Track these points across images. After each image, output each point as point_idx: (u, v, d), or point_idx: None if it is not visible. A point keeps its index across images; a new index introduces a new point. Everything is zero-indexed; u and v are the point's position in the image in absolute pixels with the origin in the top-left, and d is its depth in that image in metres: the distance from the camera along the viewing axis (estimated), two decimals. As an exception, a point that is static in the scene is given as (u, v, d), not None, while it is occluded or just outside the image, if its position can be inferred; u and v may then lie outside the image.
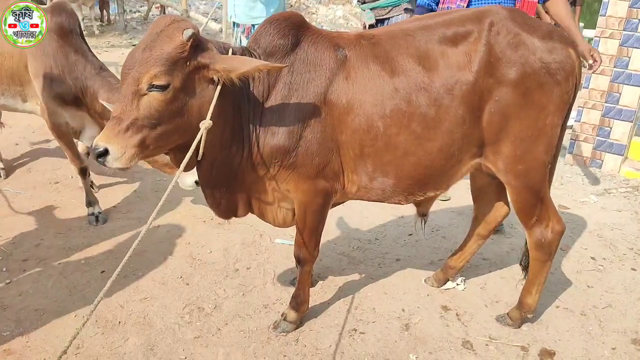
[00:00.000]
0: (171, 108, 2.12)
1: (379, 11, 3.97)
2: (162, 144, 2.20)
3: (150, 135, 2.11)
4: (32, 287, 3.11)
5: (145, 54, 2.08)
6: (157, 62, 2.05)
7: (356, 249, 3.69)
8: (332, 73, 2.41)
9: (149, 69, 2.04)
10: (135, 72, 2.06)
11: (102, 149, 2.07)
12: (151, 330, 2.81)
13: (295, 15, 2.48)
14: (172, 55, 2.06)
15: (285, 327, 2.82)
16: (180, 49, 2.07)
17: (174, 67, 2.07)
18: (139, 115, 2.08)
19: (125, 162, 2.11)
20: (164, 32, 2.10)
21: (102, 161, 2.09)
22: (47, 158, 4.94)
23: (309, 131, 2.40)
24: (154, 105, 2.09)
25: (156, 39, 2.10)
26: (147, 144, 2.13)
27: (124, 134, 2.07)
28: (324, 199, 2.58)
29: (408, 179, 2.54)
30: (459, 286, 3.24)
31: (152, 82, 2.05)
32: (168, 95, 2.09)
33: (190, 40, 2.07)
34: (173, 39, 2.07)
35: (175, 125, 2.17)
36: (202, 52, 2.14)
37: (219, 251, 3.58)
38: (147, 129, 2.10)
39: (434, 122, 2.42)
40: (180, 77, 2.10)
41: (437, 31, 2.46)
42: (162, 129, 2.14)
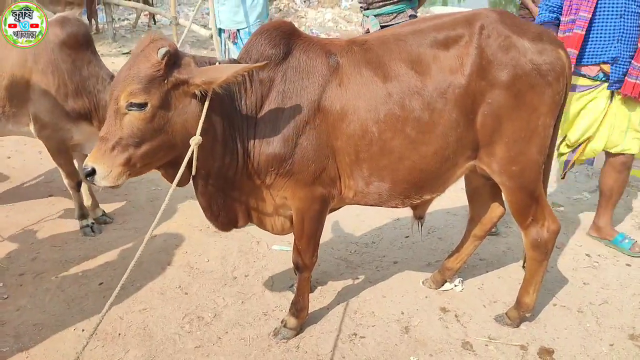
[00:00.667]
0: (152, 126, 2.15)
1: (384, 18, 3.94)
2: (149, 161, 2.22)
3: (135, 154, 2.14)
4: (29, 302, 3.09)
5: (125, 73, 2.12)
6: (133, 80, 2.09)
7: (354, 252, 3.70)
8: (325, 80, 2.42)
9: (125, 88, 2.09)
10: (116, 92, 2.11)
11: (90, 169, 2.12)
12: (152, 341, 2.80)
13: (285, 23, 2.49)
14: (148, 74, 2.09)
15: (286, 333, 2.83)
16: (156, 68, 2.10)
17: (150, 85, 2.10)
18: (123, 134, 2.11)
19: (112, 181, 2.15)
20: (143, 52, 2.15)
21: (91, 180, 2.14)
22: (39, 171, 4.92)
23: (304, 138, 2.41)
24: (135, 124, 2.12)
25: (135, 59, 2.15)
26: (133, 162, 2.15)
27: (110, 153, 2.11)
28: (321, 205, 2.59)
29: (404, 182, 2.55)
30: (457, 287, 3.25)
31: (129, 100, 2.08)
32: (147, 114, 2.12)
33: (165, 59, 2.09)
34: (149, 58, 2.11)
35: (160, 143, 2.20)
36: (179, 69, 2.16)
37: (216, 259, 3.58)
38: (132, 147, 2.13)
39: (428, 126, 2.44)
40: (158, 95, 2.12)
41: (428, 35, 2.48)
42: (147, 147, 2.17)
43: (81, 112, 3.52)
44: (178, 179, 2.12)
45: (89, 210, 3.97)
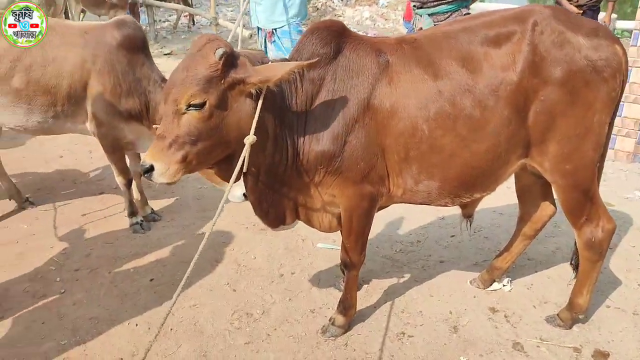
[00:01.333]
0: (209, 125, 2.19)
1: (438, 17, 3.89)
2: (203, 159, 2.27)
3: (191, 151, 2.19)
4: (85, 296, 3.20)
5: (182, 75, 2.16)
6: (192, 82, 2.13)
7: (399, 251, 3.69)
8: (374, 78, 2.43)
9: (186, 90, 2.13)
10: (174, 93, 2.15)
11: (148, 166, 2.18)
12: (202, 336, 2.86)
13: (336, 23, 2.51)
14: (206, 75, 2.13)
15: (334, 331, 2.85)
16: (214, 68, 2.14)
17: (209, 85, 2.14)
18: (180, 132, 2.16)
19: (169, 178, 2.20)
20: (199, 53, 2.18)
21: (149, 177, 2.19)
22: (90, 169, 5.07)
23: (354, 136, 2.42)
24: (192, 123, 2.16)
25: (192, 60, 2.19)
26: (189, 159, 2.20)
27: (167, 150, 2.16)
28: (370, 203, 2.59)
29: (454, 181, 2.54)
30: (506, 287, 3.21)
31: (189, 102, 2.13)
32: (205, 113, 2.16)
33: (222, 59, 2.13)
34: (206, 59, 2.15)
35: (215, 141, 2.24)
36: (236, 69, 2.19)
37: (263, 257, 3.63)
38: (188, 145, 2.17)
39: (479, 123, 2.42)
40: (215, 95, 2.16)
41: (479, 32, 2.45)
42: (203, 144, 2.21)
43: (133, 112, 3.63)
44: (234, 177, 2.15)
45: (138, 207, 4.07)
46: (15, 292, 3.22)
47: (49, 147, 5.27)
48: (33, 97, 3.55)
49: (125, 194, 3.95)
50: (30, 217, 4.13)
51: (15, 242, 3.78)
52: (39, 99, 3.57)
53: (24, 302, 3.13)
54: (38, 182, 4.75)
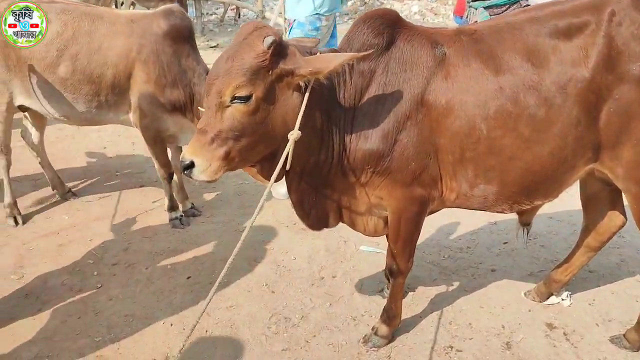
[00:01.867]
0: (254, 119, 2.03)
1: (495, 10, 3.64)
2: (247, 155, 2.11)
3: (235, 147, 2.03)
4: (121, 292, 3.13)
5: (227, 65, 2.00)
6: (238, 73, 1.96)
7: (447, 257, 3.48)
8: (429, 72, 2.23)
9: (230, 81, 1.96)
10: (218, 84, 1.99)
11: (188, 162, 2.02)
12: (238, 340, 2.74)
13: (389, 12, 2.32)
14: (253, 65, 1.96)
15: (377, 341, 2.68)
16: (261, 58, 1.97)
17: (256, 77, 1.97)
18: (223, 127, 2.00)
19: (210, 175, 2.05)
20: (246, 41, 2.02)
21: (189, 173, 2.04)
22: (132, 162, 5.05)
23: (405, 134, 2.24)
24: (237, 117, 2.00)
25: (238, 49, 2.02)
26: (232, 156, 2.05)
27: (209, 146, 2.00)
28: (420, 207, 2.40)
29: (514, 186, 2.32)
30: (565, 301, 2.97)
31: (234, 94, 1.96)
32: (251, 106, 2.00)
33: (271, 48, 1.96)
34: (254, 48, 1.98)
35: (260, 136, 2.08)
36: (285, 59, 2.02)
37: (303, 258, 3.48)
38: (231, 140, 2.02)
39: (544, 123, 2.19)
40: (262, 87, 2.00)
41: (547, 23, 2.22)
42: (247, 140, 2.05)
43: (177, 104, 3.52)
44: (275, 175, 2.00)
45: (178, 202, 3.99)
46: (53, 285, 3.19)
47: (92, 138, 5.26)
48: (78, 87, 3.47)
49: (166, 187, 3.87)
50: (72, 209, 4.11)
51: (57, 234, 3.76)
52: (83, 89, 3.48)
53: (61, 296, 3.09)
54: (81, 174, 4.73)
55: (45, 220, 3.93)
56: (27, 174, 4.59)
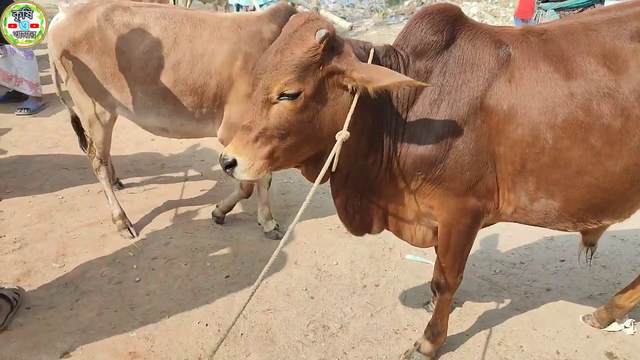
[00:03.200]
0: (302, 117, 1.91)
1: (566, 12, 3.41)
2: (292, 155, 1.99)
3: (280, 146, 1.92)
4: (159, 288, 3.08)
5: (276, 59, 1.88)
6: (288, 68, 1.84)
7: (498, 272, 3.27)
8: (491, 74, 2.06)
9: (279, 78, 1.85)
10: (265, 79, 1.88)
11: (231, 160, 1.92)
12: (274, 346, 2.64)
13: (451, 7, 2.15)
14: (304, 60, 1.84)
15: (419, 358, 2.52)
16: (313, 53, 1.84)
17: (306, 72, 1.85)
18: (269, 124, 1.89)
19: (253, 174, 1.94)
20: (297, 34, 1.89)
21: (230, 172, 1.94)
22: (180, 155, 5.03)
23: (461, 141, 2.07)
24: (283, 114, 1.89)
25: (288, 42, 1.90)
26: (276, 155, 1.94)
27: (252, 144, 1.90)
28: (473, 219, 2.23)
29: (580, 203, 2.11)
30: (628, 329, 2.72)
31: (283, 91, 1.85)
32: (299, 104, 1.88)
33: (324, 42, 1.83)
34: (305, 42, 1.85)
35: (306, 136, 1.96)
36: (338, 56, 1.89)
37: (345, 263, 3.35)
38: (276, 139, 1.91)
39: (619, 135, 1.98)
40: (312, 84, 1.87)
41: (628, 25, 2.01)
42: (293, 139, 1.94)
43: None
44: (322, 176, 1.87)
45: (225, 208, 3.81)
46: (93, 275, 3.17)
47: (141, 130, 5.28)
48: (180, 98, 3.15)
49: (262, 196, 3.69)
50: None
51: (100, 224, 3.75)
52: (185, 100, 3.16)
53: (100, 287, 3.07)
54: (127, 164, 4.74)
55: (90, 209, 3.94)
56: (75, 162, 4.63)
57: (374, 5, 15.10)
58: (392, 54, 2.06)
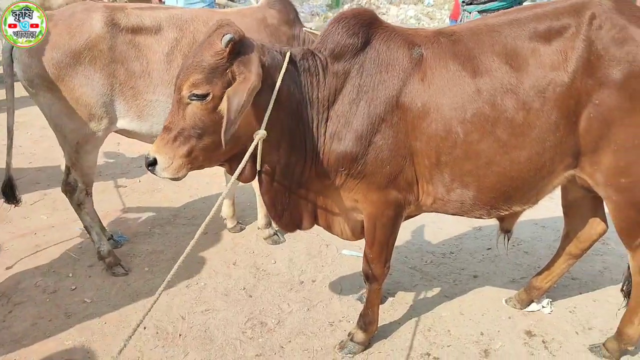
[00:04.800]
0: (214, 118, 2.00)
1: (489, 14, 3.59)
2: (211, 155, 2.09)
3: (197, 146, 2.02)
4: (96, 295, 3.07)
5: (188, 61, 2.00)
6: (196, 69, 1.95)
7: (429, 263, 3.43)
8: (405, 74, 2.19)
9: (188, 77, 1.96)
10: (179, 80, 1.99)
11: (152, 159, 2.03)
12: (212, 345, 2.68)
13: (365, 11, 2.28)
14: (211, 63, 1.95)
15: (353, 348, 2.62)
16: (218, 56, 1.95)
17: (213, 75, 1.96)
18: (185, 125, 1.99)
19: (172, 173, 2.04)
20: (209, 38, 2.00)
21: (152, 170, 2.05)
22: (117, 162, 4.99)
23: (380, 137, 2.19)
24: (197, 115, 1.99)
25: (200, 46, 2.01)
26: (195, 154, 2.04)
27: (172, 143, 2.01)
28: (396, 210, 2.36)
29: (491, 191, 2.27)
30: (545, 309, 2.92)
31: (192, 91, 1.95)
32: (209, 105, 1.98)
33: (229, 47, 1.93)
34: (213, 46, 1.96)
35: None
36: (243, 61, 1.97)
37: (283, 262, 3.43)
38: (194, 139, 2.01)
39: (522, 128, 2.15)
40: (220, 86, 1.97)
41: (527, 26, 2.18)
42: (209, 139, 2.03)
43: None
44: (238, 173, 1.96)
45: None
46: (26, 286, 3.13)
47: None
48: None
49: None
50: (51, 209, 4.05)
51: (34, 234, 3.69)
52: None
53: (34, 297, 3.03)
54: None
55: (22, 220, 3.86)
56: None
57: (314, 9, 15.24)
58: (309, 57, 2.17)
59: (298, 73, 2.11)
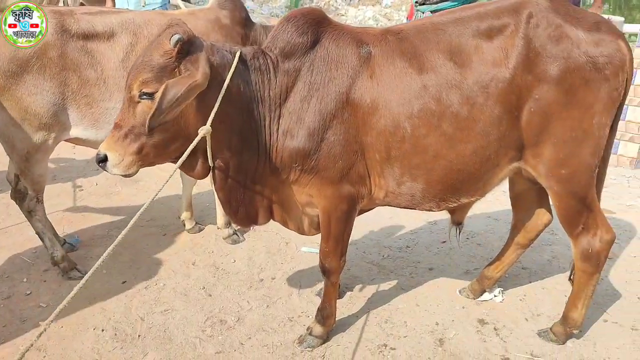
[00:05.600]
0: (164, 116, 2.01)
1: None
2: (162, 151, 2.12)
3: (148, 143, 2.06)
4: (51, 299, 3.03)
5: (139, 60, 2.04)
6: (145, 68, 1.99)
7: (386, 257, 3.51)
8: (355, 71, 2.26)
9: (138, 76, 2.00)
10: (129, 79, 2.03)
11: (102, 156, 2.07)
12: (171, 344, 2.69)
13: (314, 10, 2.34)
14: (160, 62, 1.99)
15: (311, 341, 2.67)
16: (167, 56, 2.00)
17: (162, 74, 2.00)
18: (135, 122, 2.03)
19: (123, 169, 2.08)
20: (158, 38, 2.05)
21: (103, 166, 2.08)
22: (72, 165, 4.91)
23: (331, 133, 2.25)
24: (147, 113, 2.00)
25: (150, 45, 2.06)
26: (145, 151, 2.07)
27: (123, 141, 2.04)
28: (349, 204, 2.42)
29: (439, 184, 2.36)
30: (497, 298, 3.03)
31: (142, 90, 1.98)
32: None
33: (177, 47, 1.97)
34: (161, 45, 2.01)
35: (173, 133, 2.09)
36: (191, 60, 2.02)
37: (243, 260, 3.45)
38: (144, 136, 2.04)
39: (466, 122, 2.24)
40: None
41: (470, 24, 2.28)
42: (160, 136, 2.07)
43: None
44: (179, 164, 2.02)
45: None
46: (-21, 292, 3.06)
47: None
48: None
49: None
50: (3, 213, 3.97)
51: (-15, 240, 3.61)
52: None
53: (-13, 304, 2.97)
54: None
55: (-26, 225, 3.78)
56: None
57: (273, 10, 15.27)
58: (260, 55, 2.21)
59: (249, 72, 2.16)
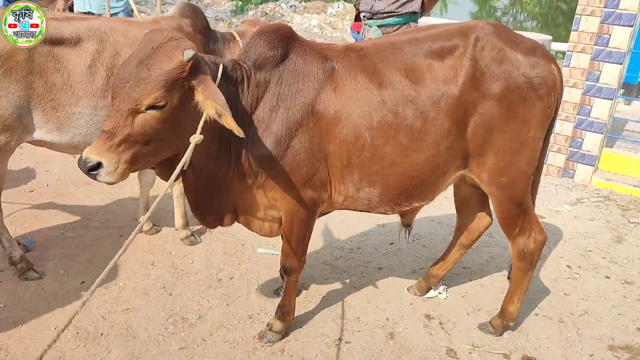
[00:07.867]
0: (166, 126, 2.11)
1: (387, 29, 3.90)
2: (152, 159, 2.20)
3: (142, 151, 2.10)
4: (8, 299, 3.03)
5: (142, 72, 2.03)
6: (158, 83, 2.01)
7: (339, 258, 3.71)
8: (320, 84, 2.43)
9: (150, 92, 2.01)
10: (133, 90, 2.02)
11: (95, 163, 2.03)
12: (135, 341, 2.77)
13: (284, 27, 2.49)
14: (172, 76, 2.03)
15: (271, 337, 2.82)
16: (180, 70, 2.05)
17: (173, 86, 2.05)
18: (133, 131, 2.05)
19: (117, 177, 2.08)
20: (162, 50, 2.07)
21: (94, 175, 2.05)
22: (24, 169, 4.83)
23: (297, 141, 2.41)
24: (149, 123, 2.06)
25: (153, 56, 2.06)
26: (138, 159, 2.11)
27: (116, 148, 2.04)
28: (311, 208, 2.59)
29: (394, 189, 2.57)
30: (441, 295, 3.28)
31: (153, 104, 2.03)
32: (165, 114, 2.08)
33: (191, 62, 2.05)
34: (173, 59, 2.05)
35: (168, 142, 2.17)
36: (198, 74, 2.11)
37: (201, 261, 3.56)
38: (139, 144, 2.08)
39: (420, 133, 2.46)
40: (177, 97, 2.08)
41: (424, 45, 2.50)
42: (155, 145, 2.13)
43: None
44: (175, 175, 2.05)
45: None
46: None
47: None
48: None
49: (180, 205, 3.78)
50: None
51: None
52: None
53: (-60, 305, 2.94)
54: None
55: None
56: None
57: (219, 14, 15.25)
58: (237, 67, 2.34)
59: (226, 82, 2.28)
